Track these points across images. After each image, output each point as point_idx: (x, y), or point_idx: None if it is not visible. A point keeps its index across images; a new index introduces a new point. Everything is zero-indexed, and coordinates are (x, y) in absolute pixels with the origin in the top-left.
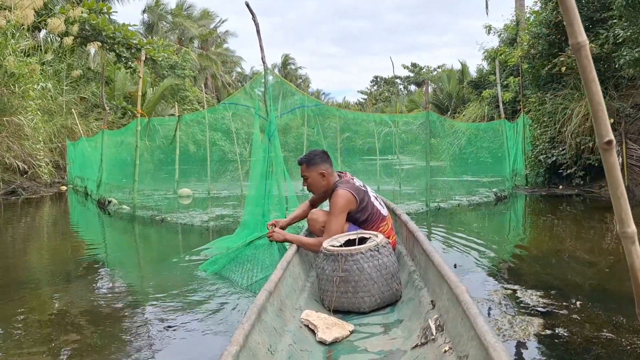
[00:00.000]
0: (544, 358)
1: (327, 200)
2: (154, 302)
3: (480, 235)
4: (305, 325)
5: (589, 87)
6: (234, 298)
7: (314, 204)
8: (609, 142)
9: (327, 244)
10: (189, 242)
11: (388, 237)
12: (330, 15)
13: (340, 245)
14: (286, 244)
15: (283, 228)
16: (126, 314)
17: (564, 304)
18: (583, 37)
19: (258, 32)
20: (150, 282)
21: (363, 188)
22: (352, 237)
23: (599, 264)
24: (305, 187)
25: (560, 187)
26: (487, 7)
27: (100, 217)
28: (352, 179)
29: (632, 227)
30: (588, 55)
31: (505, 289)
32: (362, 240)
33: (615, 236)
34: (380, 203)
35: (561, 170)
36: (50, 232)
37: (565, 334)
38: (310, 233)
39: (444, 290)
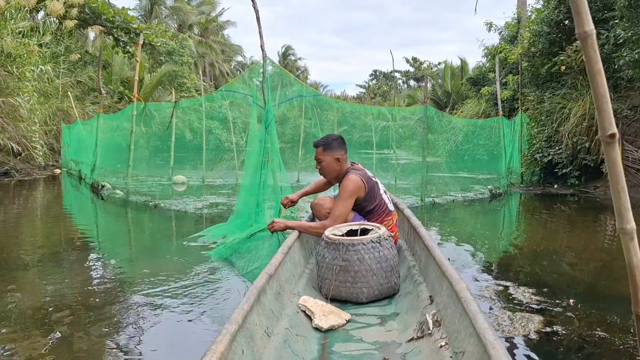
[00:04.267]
0: (538, 355)
1: (336, 187)
2: (146, 288)
3: (473, 231)
4: (302, 310)
5: (594, 78)
6: (227, 287)
7: (330, 182)
8: (612, 136)
9: (329, 232)
10: (182, 228)
11: (391, 232)
12: (334, 5)
13: (342, 235)
14: (286, 232)
15: (295, 201)
16: (117, 298)
17: (557, 301)
18: (590, 26)
19: (258, 19)
20: (143, 268)
21: (374, 179)
22: (354, 228)
23: (591, 263)
24: (318, 170)
25: (555, 186)
26: (475, 6)
27: (94, 201)
28: (364, 169)
29: (632, 224)
30: (594, 45)
31: (498, 285)
32: (364, 232)
33: (608, 236)
34: (388, 198)
35: (557, 170)
36: (43, 214)
37: (561, 332)
38: (313, 219)
39: (443, 287)
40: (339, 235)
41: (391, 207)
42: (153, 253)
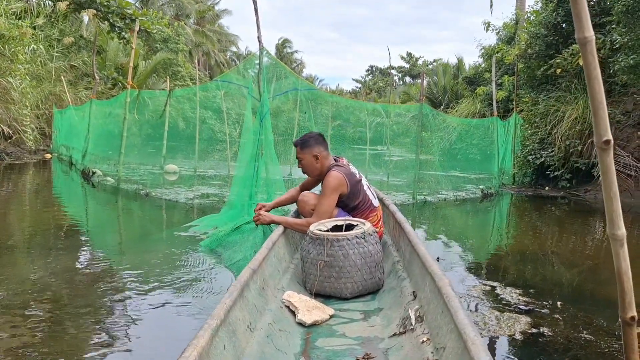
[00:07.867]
0: (524, 356)
1: (319, 185)
2: (133, 277)
3: (463, 231)
4: (286, 306)
5: (592, 84)
6: (214, 278)
7: (304, 189)
8: (607, 142)
9: (314, 227)
10: (172, 218)
11: (376, 228)
12: (333, 0)
13: (327, 230)
14: (272, 226)
15: (268, 211)
16: (104, 287)
17: (544, 303)
18: (590, 32)
19: (256, 9)
20: (132, 257)
21: (357, 175)
22: (339, 223)
23: (578, 266)
24: (300, 169)
25: (547, 188)
26: (491, 5)
27: (84, 188)
28: (348, 165)
29: (622, 230)
30: (594, 51)
31: (485, 285)
32: (349, 227)
33: (597, 240)
34: (372, 193)
35: (548, 172)
36: (32, 199)
37: (547, 333)
38: (298, 215)
39: (426, 282)
40: (324, 231)
41: (375, 202)
42: (142, 242)
